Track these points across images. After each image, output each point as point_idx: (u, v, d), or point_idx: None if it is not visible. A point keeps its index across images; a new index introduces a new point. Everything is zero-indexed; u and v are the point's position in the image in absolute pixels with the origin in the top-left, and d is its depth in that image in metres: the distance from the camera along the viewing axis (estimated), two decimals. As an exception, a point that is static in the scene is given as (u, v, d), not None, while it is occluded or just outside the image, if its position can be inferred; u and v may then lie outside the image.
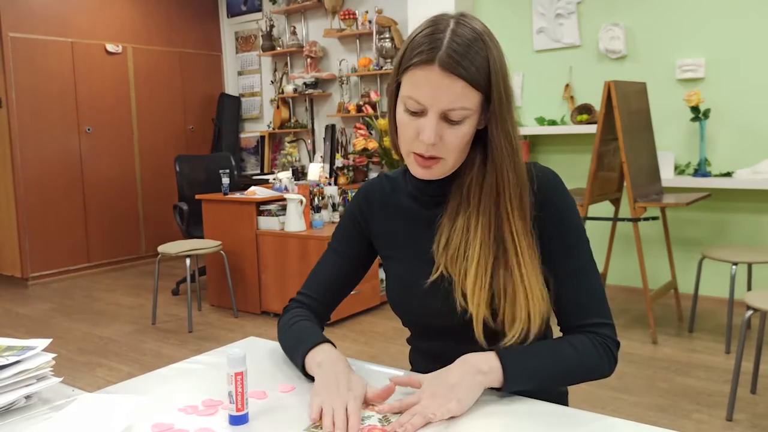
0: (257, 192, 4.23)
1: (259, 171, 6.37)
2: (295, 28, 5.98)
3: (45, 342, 1.11)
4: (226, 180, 4.34)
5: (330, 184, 4.37)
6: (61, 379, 1.10)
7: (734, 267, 3.15)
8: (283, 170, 5.46)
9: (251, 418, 0.97)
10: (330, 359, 1.07)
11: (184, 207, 4.64)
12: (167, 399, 1.05)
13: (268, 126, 6.41)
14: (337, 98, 5.82)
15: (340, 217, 1.30)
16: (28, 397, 1.04)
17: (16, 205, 5.11)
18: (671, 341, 3.44)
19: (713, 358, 3.19)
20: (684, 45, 4.00)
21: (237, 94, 6.64)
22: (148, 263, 5.87)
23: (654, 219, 3.63)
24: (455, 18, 1.03)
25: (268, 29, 6.06)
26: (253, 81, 6.55)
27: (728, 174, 3.85)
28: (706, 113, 3.81)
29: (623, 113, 3.39)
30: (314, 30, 5.92)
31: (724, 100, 3.89)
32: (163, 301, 4.55)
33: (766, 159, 3.73)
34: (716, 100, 3.89)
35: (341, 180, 5.07)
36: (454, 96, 0.99)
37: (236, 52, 6.63)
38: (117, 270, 5.70)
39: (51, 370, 1.08)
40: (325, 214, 4.19)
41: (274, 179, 4.54)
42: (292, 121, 6.13)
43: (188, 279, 3.98)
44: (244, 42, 6.56)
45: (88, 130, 5.50)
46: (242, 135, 6.62)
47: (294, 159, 6.01)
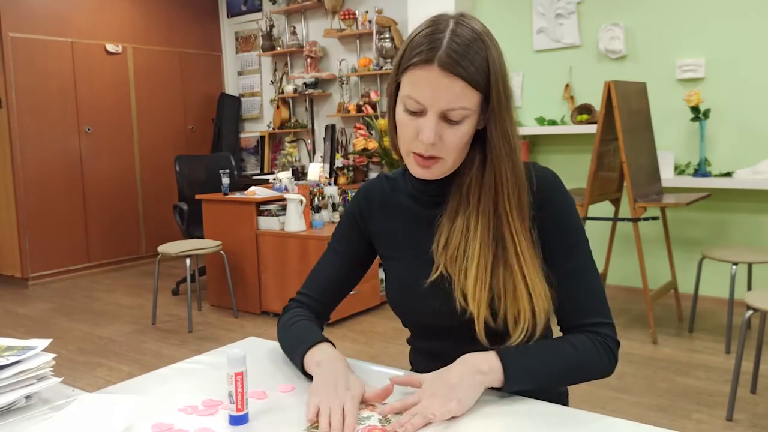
0: (257, 192, 4.23)
1: (259, 171, 6.37)
2: (295, 28, 5.98)
3: (45, 342, 1.11)
4: (226, 180, 4.34)
5: (330, 184, 4.37)
6: (61, 379, 1.10)
7: (734, 267, 3.15)
8: (283, 170, 5.46)
9: (251, 418, 0.97)
10: (329, 358, 1.08)
11: (184, 207, 4.64)
12: (167, 399, 1.05)
13: (268, 126, 6.41)
14: (337, 98, 5.82)
15: (340, 217, 1.30)
16: (28, 397, 1.04)
17: (16, 205, 5.11)
18: (671, 341, 3.44)
19: (713, 358, 3.19)
20: (684, 45, 4.00)
21: (237, 94, 6.64)
22: (148, 263, 5.87)
23: (654, 219, 3.63)
24: (455, 18, 1.03)
25: (268, 29, 6.06)
26: (253, 81, 6.55)
27: (728, 174, 3.85)
28: (706, 113, 3.81)
29: (623, 113, 3.39)
30: (314, 30, 5.92)
31: (724, 100, 3.89)
32: (163, 301, 4.55)
33: (766, 159, 3.73)
34: (716, 100, 3.89)
35: (341, 180, 5.07)
36: (453, 96, 1.00)
37: (236, 52, 6.63)
38: (117, 270, 5.70)
39: (51, 370, 1.08)
40: (325, 214, 4.19)
41: (274, 179, 4.54)
42: (292, 121, 6.13)
43: (188, 279, 3.98)
44: (244, 42, 6.56)
45: (88, 130, 5.50)
46: (242, 135, 6.62)
47: (294, 159, 6.01)
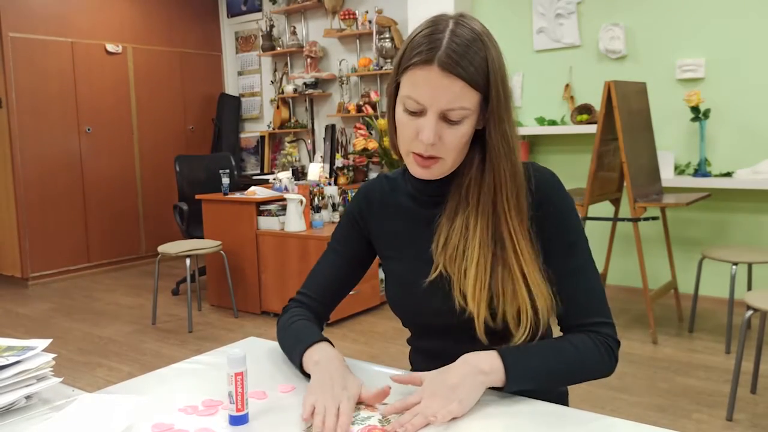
0: (257, 192, 4.23)
1: (259, 171, 6.37)
2: (295, 28, 5.98)
3: (45, 342, 1.11)
4: (226, 180, 4.34)
5: (330, 184, 4.37)
6: (61, 379, 1.10)
7: (734, 267, 3.15)
8: (283, 170, 5.46)
9: (251, 418, 0.97)
10: (327, 358, 1.08)
11: (184, 207, 4.64)
12: (167, 399, 1.05)
13: (268, 126, 6.41)
14: (337, 98, 5.82)
15: (340, 217, 1.30)
16: (28, 398, 1.04)
17: (16, 205, 5.11)
18: (671, 341, 3.44)
19: (713, 358, 3.19)
20: (684, 45, 4.00)
21: (237, 94, 6.64)
22: (148, 263, 5.87)
23: (654, 219, 3.63)
24: (454, 18, 1.03)
25: (268, 29, 6.06)
26: (253, 81, 6.55)
27: (728, 174, 3.85)
28: (706, 113, 3.81)
29: (623, 113, 3.39)
30: (314, 30, 5.92)
31: (724, 100, 3.89)
32: (163, 301, 4.55)
33: (766, 159, 3.73)
34: (716, 100, 3.89)
35: (341, 180, 5.06)
36: (453, 96, 1.00)
37: (236, 52, 6.63)
38: (117, 270, 5.70)
39: (51, 371, 1.08)
40: (325, 214, 4.19)
41: (274, 179, 4.54)
42: (292, 121, 6.13)
43: (188, 279, 3.98)
44: (244, 42, 6.56)
45: (88, 130, 5.50)
46: (242, 135, 6.62)
47: (294, 159, 6.01)
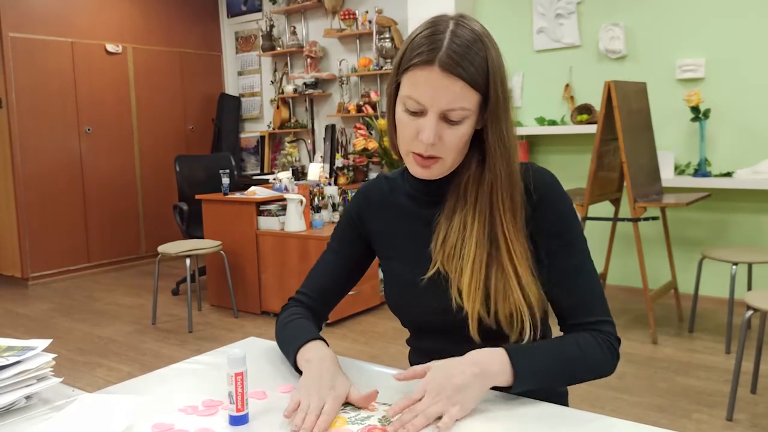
0: (257, 192, 4.23)
1: (259, 171, 6.37)
2: (295, 28, 5.98)
3: (45, 342, 1.11)
4: (226, 180, 4.34)
5: (330, 184, 4.37)
6: (61, 379, 1.10)
7: (734, 267, 3.15)
8: (283, 170, 5.46)
9: (251, 418, 0.97)
10: (319, 357, 1.08)
11: (184, 207, 4.64)
12: (167, 399, 1.05)
13: (268, 126, 6.41)
14: (337, 98, 5.82)
15: (340, 217, 1.30)
16: (28, 398, 1.04)
17: (16, 205, 5.11)
18: (671, 341, 3.44)
19: (713, 358, 3.19)
20: (684, 45, 4.00)
21: (237, 94, 6.64)
22: (148, 263, 5.87)
23: (654, 219, 3.63)
24: (455, 19, 1.03)
25: (268, 29, 6.06)
26: (253, 81, 6.55)
27: (728, 174, 3.85)
28: (706, 113, 3.81)
29: (623, 113, 3.39)
30: (314, 30, 5.92)
31: (724, 100, 3.88)
32: (163, 301, 4.55)
33: (766, 159, 3.73)
34: (716, 100, 3.89)
35: (341, 180, 5.06)
36: (453, 96, 1.00)
37: (236, 52, 6.63)
38: (117, 270, 5.70)
39: (51, 371, 1.08)
40: (325, 214, 4.19)
41: (274, 179, 4.54)
42: (292, 121, 6.13)
43: (188, 279, 3.98)
44: (244, 42, 6.56)
45: (88, 130, 5.50)
46: (242, 135, 6.61)
47: (294, 159, 6.01)
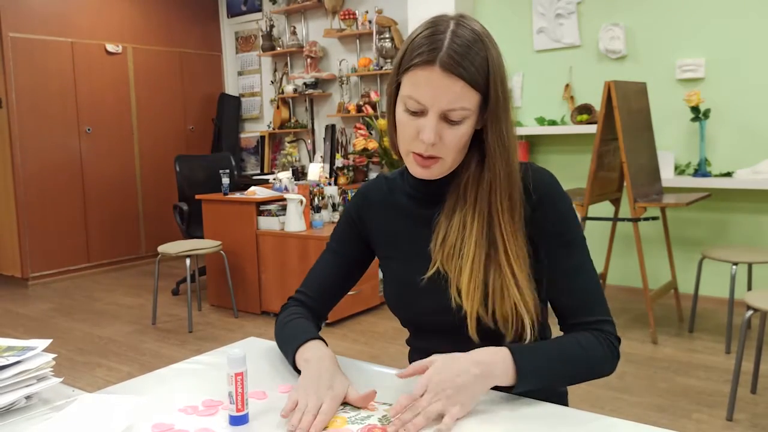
0: (257, 192, 4.23)
1: (259, 171, 6.37)
2: (295, 28, 5.98)
3: (45, 342, 1.11)
4: (226, 180, 4.34)
5: (330, 184, 4.37)
6: (61, 379, 1.10)
7: (734, 267, 3.15)
8: (283, 170, 5.46)
9: (251, 418, 0.97)
10: (317, 356, 1.08)
11: (184, 207, 4.64)
12: (167, 399, 1.05)
13: (268, 126, 6.41)
14: (337, 98, 5.82)
15: (340, 217, 1.30)
16: (28, 398, 1.04)
17: (16, 205, 5.11)
18: (671, 341, 3.44)
19: (713, 358, 3.19)
20: (684, 45, 4.00)
21: (237, 94, 6.64)
22: (148, 263, 5.87)
23: (654, 219, 3.63)
24: (455, 19, 1.03)
25: (268, 29, 6.06)
26: (253, 81, 6.55)
27: (728, 174, 3.85)
28: (706, 113, 3.81)
29: (623, 113, 3.39)
30: (314, 30, 5.92)
31: (724, 100, 3.88)
32: (163, 301, 4.55)
33: (766, 159, 3.73)
34: (716, 100, 3.89)
35: (341, 180, 5.06)
36: (454, 96, 1.00)
37: (236, 52, 6.63)
38: (117, 270, 5.70)
39: (51, 371, 1.08)
40: (325, 214, 4.19)
41: (274, 179, 4.54)
42: (292, 121, 6.13)
43: (188, 279, 3.98)
44: (244, 42, 6.56)
45: (88, 130, 5.50)
46: (242, 135, 6.61)
47: (294, 159, 6.01)
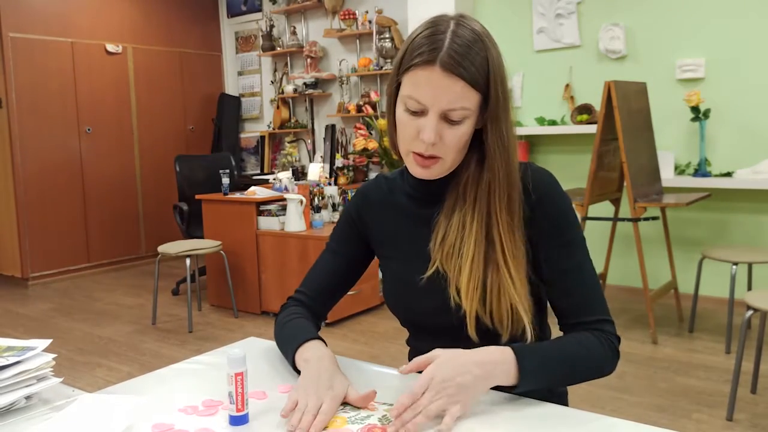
0: (257, 192, 4.23)
1: (259, 171, 6.37)
2: (295, 28, 5.98)
3: (45, 342, 1.11)
4: (226, 180, 4.34)
5: (330, 184, 4.37)
6: (61, 379, 1.10)
7: (734, 267, 3.15)
8: (283, 170, 5.46)
9: (251, 418, 0.97)
10: (317, 356, 1.08)
11: (184, 207, 4.64)
12: (167, 399, 1.05)
13: (268, 126, 6.41)
14: (337, 98, 5.82)
15: (339, 216, 1.30)
16: (28, 398, 1.04)
17: (16, 205, 5.11)
18: (671, 341, 3.44)
19: (713, 358, 3.19)
20: (684, 45, 4.00)
21: (237, 94, 6.64)
22: (148, 263, 5.87)
23: (654, 219, 3.63)
24: (455, 19, 1.03)
25: (268, 29, 6.06)
26: (253, 81, 6.55)
27: (728, 174, 3.85)
28: (706, 113, 3.81)
29: (623, 113, 3.39)
30: (314, 30, 5.92)
31: (724, 100, 3.88)
32: (163, 301, 4.55)
33: (766, 159, 3.73)
34: (716, 100, 3.89)
35: (341, 180, 5.06)
36: (454, 96, 1.00)
37: (236, 52, 6.63)
38: (117, 270, 5.70)
39: (51, 371, 1.08)
40: (325, 214, 4.19)
41: (274, 179, 4.54)
42: (292, 121, 6.13)
43: (188, 279, 3.98)
44: (244, 42, 6.56)
45: (88, 130, 5.50)
46: (242, 135, 6.61)
47: (294, 159, 6.01)
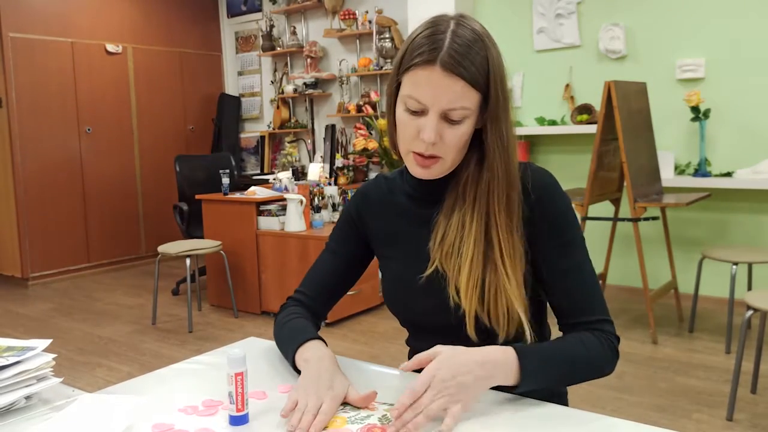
0: (257, 192, 4.23)
1: (259, 171, 6.37)
2: (295, 28, 5.98)
3: (45, 342, 1.11)
4: (226, 180, 4.34)
5: (330, 184, 4.37)
6: (61, 379, 1.10)
7: (734, 267, 3.15)
8: (283, 170, 5.46)
9: (251, 418, 0.97)
10: (317, 356, 1.08)
11: (184, 207, 4.64)
12: (167, 399, 1.05)
13: (268, 126, 6.41)
14: (337, 98, 5.82)
15: (339, 216, 1.30)
16: (28, 398, 1.04)
17: (16, 205, 5.11)
18: (671, 341, 3.44)
19: (713, 358, 3.19)
20: (684, 45, 4.00)
21: (237, 94, 6.64)
22: (148, 263, 5.87)
23: (654, 219, 3.63)
24: (455, 19, 1.03)
25: (268, 29, 6.06)
26: (253, 81, 6.55)
27: (728, 174, 3.85)
28: (706, 113, 3.81)
29: (623, 113, 3.39)
30: (314, 30, 5.92)
31: (724, 100, 3.88)
32: (163, 301, 4.55)
33: (766, 159, 3.73)
34: (716, 100, 3.89)
35: (341, 180, 5.06)
36: (454, 96, 1.00)
37: (236, 52, 6.63)
38: (117, 270, 5.70)
39: (51, 371, 1.08)
40: (325, 214, 4.19)
41: (274, 179, 4.54)
42: (292, 121, 6.13)
43: (188, 279, 3.98)
44: (244, 42, 6.56)
45: (88, 130, 5.50)
46: (242, 135, 6.61)
47: (294, 159, 6.01)
